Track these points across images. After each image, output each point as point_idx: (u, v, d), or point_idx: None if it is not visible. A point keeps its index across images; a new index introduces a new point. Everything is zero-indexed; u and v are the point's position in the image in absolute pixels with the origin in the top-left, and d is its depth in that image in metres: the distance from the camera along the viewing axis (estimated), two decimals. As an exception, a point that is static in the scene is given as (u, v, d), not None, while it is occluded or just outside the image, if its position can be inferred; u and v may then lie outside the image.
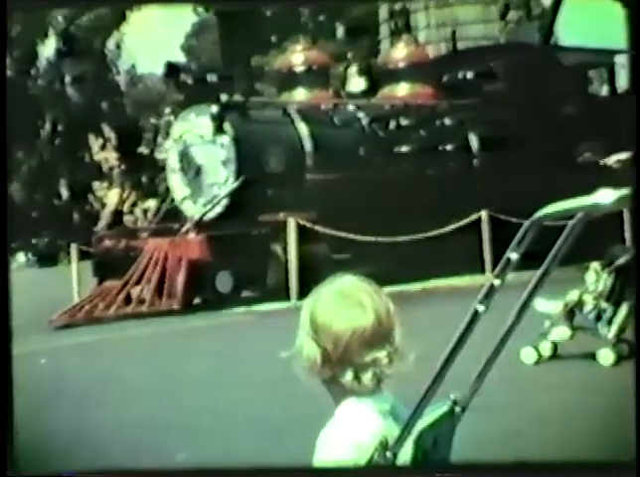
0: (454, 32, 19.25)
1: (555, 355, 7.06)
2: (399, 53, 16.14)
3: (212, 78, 13.69)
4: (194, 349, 8.94)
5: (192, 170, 13.32)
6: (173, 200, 14.05)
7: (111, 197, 32.07)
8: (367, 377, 1.98)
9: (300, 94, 14.74)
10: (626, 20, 3.62)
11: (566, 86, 15.70)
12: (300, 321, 2.04)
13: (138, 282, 12.20)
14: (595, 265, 7.28)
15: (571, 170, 14.96)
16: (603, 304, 7.02)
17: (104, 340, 10.22)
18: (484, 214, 13.39)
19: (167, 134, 13.64)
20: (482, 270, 13.10)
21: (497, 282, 2.05)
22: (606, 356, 6.81)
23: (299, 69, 14.91)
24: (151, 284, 12.05)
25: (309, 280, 11.81)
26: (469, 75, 15.51)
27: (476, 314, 2.03)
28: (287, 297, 11.91)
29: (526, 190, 13.54)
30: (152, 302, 12.04)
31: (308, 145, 13.45)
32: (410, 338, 2.07)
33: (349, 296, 2.02)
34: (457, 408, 2.20)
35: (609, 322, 6.94)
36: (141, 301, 12.13)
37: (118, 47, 34.98)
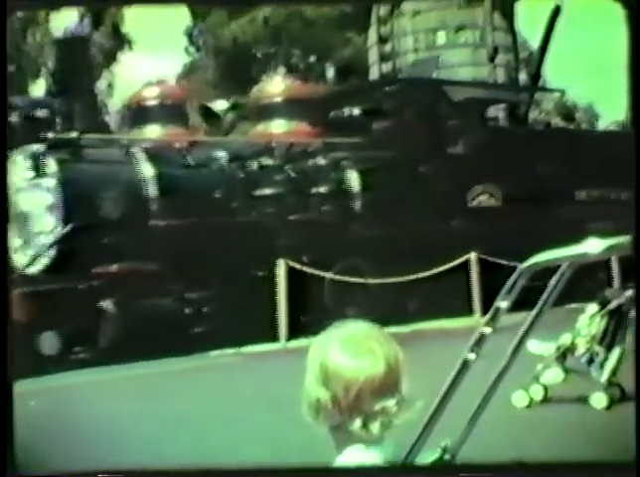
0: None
1: (546, 398, 7.03)
2: (274, 87, 14.61)
3: (43, 114, 12.54)
4: (179, 390, 8.86)
5: (19, 218, 11.79)
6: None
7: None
8: (375, 425, 1.98)
9: (154, 131, 13.53)
10: (626, 20, 3.65)
11: (459, 124, 14.34)
12: (308, 365, 2.05)
13: None
14: (589, 308, 7.28)
15: (464, 214, 13.94)
16: (596, 347, 7.00)
17: (102, 380, 10.08)
18: (473, 256, 13.22)
19: None
20: (470, 312, 13.01)
21: (487, 331, 2.05)
22: (599, 399, 6.79)
23: (152, 103, 13.68)
24: None
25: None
26: (355, 111, 14.44)
27: (466, 363, 2.03)
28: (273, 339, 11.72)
29: (411, 236, 12.79)
30: None
31: (153, 188, 11.94)
32: (412, 384, 2.06)
33: (361, 344, 2.01)
34: (447, 456, 2.19)
35: (601, 365, 6.93)
36: None
37: (110, 86, 35.13)
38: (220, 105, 15.13)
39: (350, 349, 2.00)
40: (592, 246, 1.96)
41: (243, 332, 11.33)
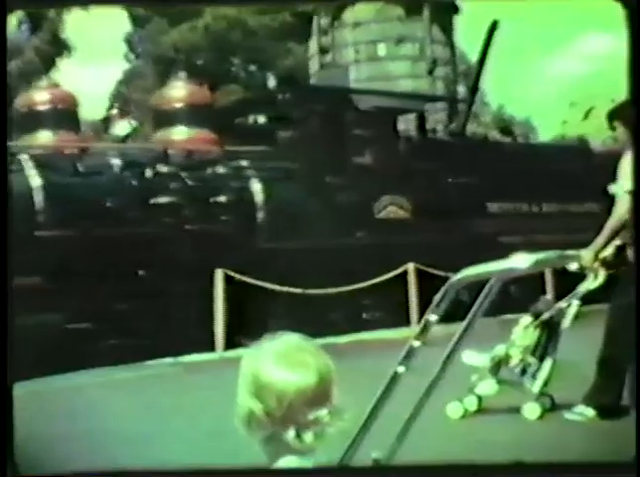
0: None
1: (480, 409, 7.11)
2: (176, 92, 13.99)
3: None
4: (118, 401, 8.77)
5: None
6: None
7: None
8: (308, 435, 2.01)
9: (44, 137, 12.92)
10: (626, 20, 3.72)
11: (366, 133, 13.96)
12: (240, 377, 2.07)
13: None
14: (522, 319, 7.38)
15: (371, 226, 13.71)
16: (529, 358, 7.11)
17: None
18: (411, 266, 13.27)
19: None
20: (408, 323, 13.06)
21: (417, 344, 2.08)
22: (532, 410, 6.88)
23: (42, 108, 13.03)
24: None
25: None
26: (261, 119, 14.10)
27: (396, 375, 2.06)
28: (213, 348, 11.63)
29: (316, 247, 12.55)
30: None
31: (39, 197, 11.33)
32: (347, 395, 2.09)
33: (292, 356, 2.04)
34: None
35: (534, 376, 7.03)
36: None
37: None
38: (120, 130, 14.31)
39: (282, 361, 2.03)
40: (519, 261, 1.99)
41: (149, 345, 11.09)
